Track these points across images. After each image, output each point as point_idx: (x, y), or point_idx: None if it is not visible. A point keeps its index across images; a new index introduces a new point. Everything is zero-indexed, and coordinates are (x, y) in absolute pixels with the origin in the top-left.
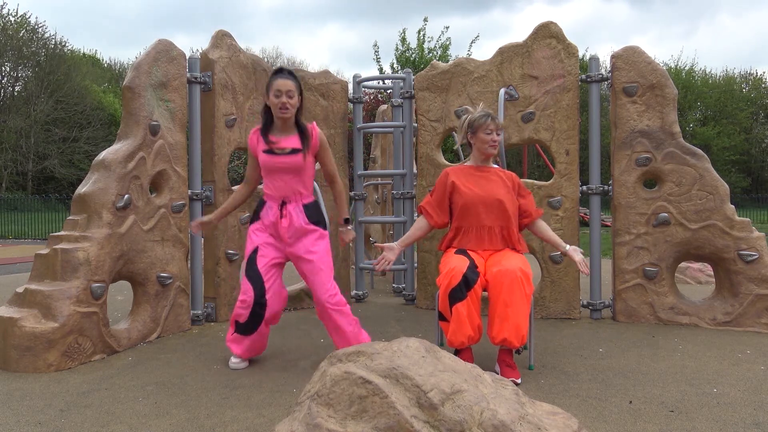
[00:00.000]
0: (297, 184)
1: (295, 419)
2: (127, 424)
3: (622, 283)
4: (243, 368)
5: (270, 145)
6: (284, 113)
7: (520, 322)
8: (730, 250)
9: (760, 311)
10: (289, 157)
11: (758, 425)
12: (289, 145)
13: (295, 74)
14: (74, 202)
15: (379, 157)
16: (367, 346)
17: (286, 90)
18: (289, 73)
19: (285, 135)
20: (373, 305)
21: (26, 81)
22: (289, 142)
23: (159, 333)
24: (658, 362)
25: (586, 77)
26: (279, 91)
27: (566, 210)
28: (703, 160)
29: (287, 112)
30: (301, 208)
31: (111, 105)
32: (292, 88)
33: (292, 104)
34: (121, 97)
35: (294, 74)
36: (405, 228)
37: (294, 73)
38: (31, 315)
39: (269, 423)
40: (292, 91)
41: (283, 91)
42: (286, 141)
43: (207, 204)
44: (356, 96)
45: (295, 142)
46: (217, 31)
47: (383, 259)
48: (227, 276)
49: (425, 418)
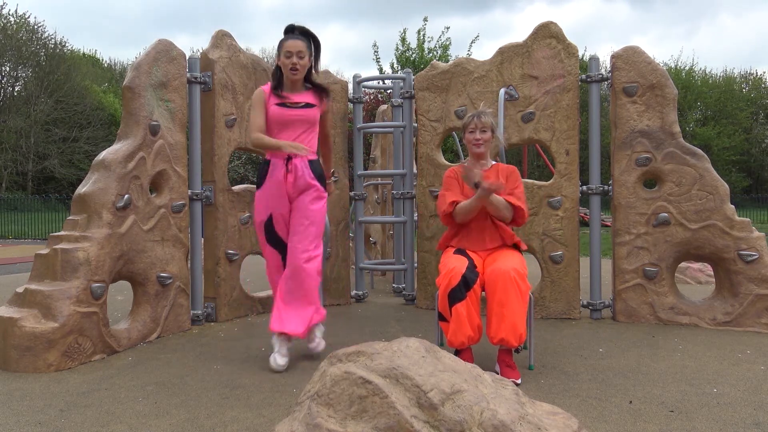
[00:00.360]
0: (306, 139)
1: (295, 419)
2: (127, 424)
3: (622, 283)
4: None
5: (282, 99)
6: (294, 74)
7: (517, 322)
8: (730, 250)
9: (760, 311)
10: (303, 110)
11: (758, 425)
12: (302, 99)
13: (308, 32)
14: (74, 202)
15: (379, 157)
16: (367, 346)
17: (297, 51)
18: (302, 32)
19: (296, 92)
20: (373, 305)
21: (26, 81)
22: (302, 97)
23: (159, 333)
24: (658, 362)
25: (586, 77)
26: (289, 52)
27: (566, 210)
28: (703, 160)
29: (297, 73)
30: (306, 163)
31: (111, 105)
32: (303, 49)
33: (303, 65)
34: (121, 97)
35: (307, 32)
36: (405, 228)
37: (307, 30)
38: (31, 315)
39: (269, 423)
40: (303, 52)
41: (294, 52)
42: (298, 96)
43: (207, 204)
44: (356, 96)
45: (308, 98)
46: (217, 31)
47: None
48: (227, 276)
49: (425, 418)
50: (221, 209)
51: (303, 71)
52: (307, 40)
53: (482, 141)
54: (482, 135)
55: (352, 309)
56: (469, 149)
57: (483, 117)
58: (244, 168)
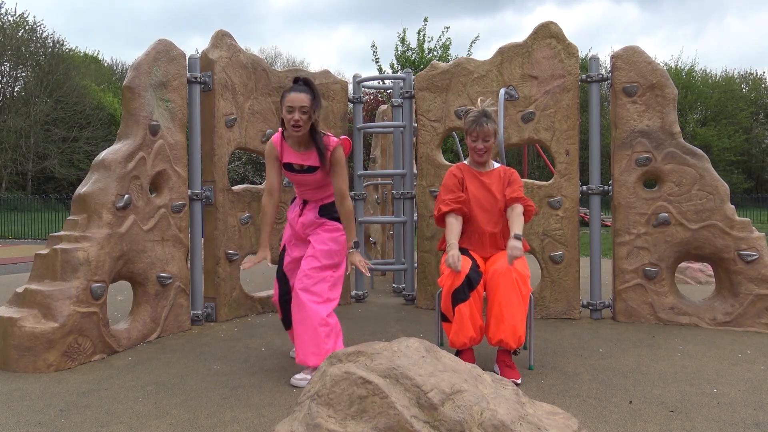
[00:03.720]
0: (317, 192)
1: (295, 419)
2: (127, 424)
3: (622, 283)
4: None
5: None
6: (296, 131)
7: (517, 323)
8: (730, 250)
9: (760, 311)
10: (307, 175)
11: (758, 425)
12: (306, 162)
13: (311, 84)
14: (74, 202)
15: (379, 157)
16: (367, 346)
17: (299, 105)
18: (305, 83)
19: (303, 147)
20: (373, 305)
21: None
22: (307, 158)
23: (159, 333)
24: (658, 362)
25: (586, 77)
26: (291, 107)
27: (566, 210)
28: (703, 160)
29: (299, 130)
30: (317, 207)
31: (111, 105)
32: (306, 103)
33: (305, 120)
34: (121, 97)
35: (310, 84)
36: (405, 228)
37: (310, 83)
38: (31, 315)
39: (269, 423)
40: (306, 106)
41: (296, 107)
42: (304, 157)
43: (207, 204)
44: (356, 96)
45: (313, 159)
46: (217, 31)
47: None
48: (227, 276)
49: (425, 418)
50: (221, 209)
51: (306, 127)
52: (311, 92)
53: (485, 149)
54: (485, 144)
55: (352, 309)
56: (470, 154)
57: (485, 124)
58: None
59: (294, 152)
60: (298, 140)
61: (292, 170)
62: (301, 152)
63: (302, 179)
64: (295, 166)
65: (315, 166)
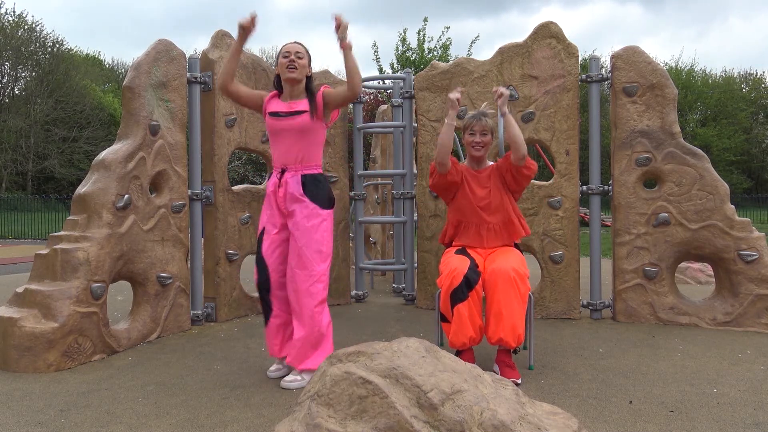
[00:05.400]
0: (300, 150)
1: (295, 419)
2: (127, 424)
3: (622, 283)
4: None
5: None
6: (292, 72)
7: (516, 322)
8: (730, 250)
9: (760, 311)
10: (292, 118)
11: (758, 425)
12: (294, 108)
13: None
14: (74, 202)
15: (379, 157)
16: (367, 346)
17: (295, 51)
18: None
19: (293, 100)
20: (373, 305)
21: (26, 81)
22: (296, 105)
23: (159, 333)
24: (658, 362)
25: (586, 77)
26: (288, 52)
27: (566, 210)
28: (703, 160)
29: (295, 71)
30: (298, 178)
31: (111, 105)
32: (302, 50)
33: (301, 64)
34: (121, 97)
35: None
36: (405, 228)
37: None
38: (31, 315)
39: (269, 423)
40: (302, 53)
41: (292, 52)
42: (292, 105)
43: (207, 204)
44: None
45: (302, 105)
46: (216, 31)
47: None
48: (227, 276)
49: (425, 418)
50: (221, 209)
51: (302, 71)
52: (306, 49)
53: (482, 144)
54: (482, 138)
55: (352, 309)
56: (467, 151)
57: (484, 120)
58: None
59: (282, 102)
60: (292, 90)
61: (277, 117)
62: (288, 102)
63: (286, 125)
64: (281, 113)
65: (303, 110)
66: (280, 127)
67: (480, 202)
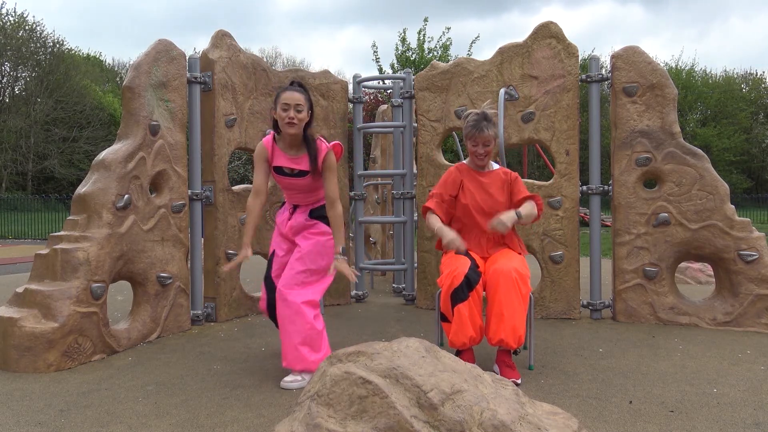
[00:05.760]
0: (308, 197)
1: (295, 419)
2: (127, 424)
3: (622, 283)
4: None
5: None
6: (291, 129)
7: (517, 323)
8: (730, 250)
9: (760, 311)
10: (297, 179)
11: (758, 425)
12: (297, 166)
13: (305, 87)
14: (74, 202)
15: (379, 157)
16: (367, 346)
17: (294, 103)
18: (300, 85)
19: (294, 151)
20: (373, 305)
21: (26, 81)
22: (298, 162)
23: (159, 333)
24: (658, 362)
25: (586, 77)
26: (287, 105)
27: (566, 210)
28: (703, 160)
29: (294, 127)
30: (307, 211)
31: (111, 105)
32: (301, 102)
33: (300, 119)
34: (121, 97)
35: (304, 87)
36: (405, 228)
37: (305, 86)
38: (31, 315)
39: (269, 423)
40: (301, 105)
41: (291, 105)
42: (295, 161)
43: (207, 204)
44: (356, 96)
45: (303, 164)
46: (216, 31)
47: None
48: (227, 276)
49: (425, 418)
50: (221, 209)
51: (300, 125)
52: (306, 94)
53: (485, 153)
54: (485, 149)
55: (352, 309)
56: (470, 157)
57: (485, 129)
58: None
59: (285, 156)
60: (290, 143)
61: (282, 174)
62: (291, 156)
63: (292, 183)
64: (285, 170)
65: (305, 171)
66: (287, 182)
67: (480, 207)
